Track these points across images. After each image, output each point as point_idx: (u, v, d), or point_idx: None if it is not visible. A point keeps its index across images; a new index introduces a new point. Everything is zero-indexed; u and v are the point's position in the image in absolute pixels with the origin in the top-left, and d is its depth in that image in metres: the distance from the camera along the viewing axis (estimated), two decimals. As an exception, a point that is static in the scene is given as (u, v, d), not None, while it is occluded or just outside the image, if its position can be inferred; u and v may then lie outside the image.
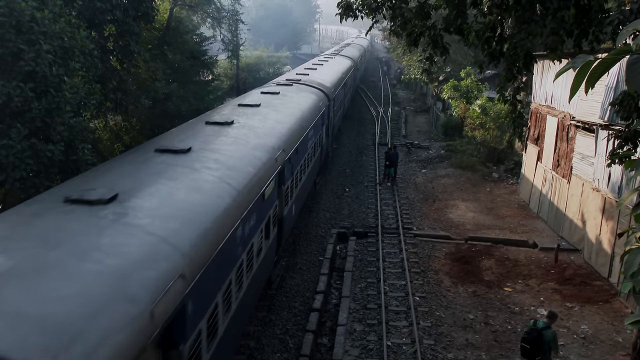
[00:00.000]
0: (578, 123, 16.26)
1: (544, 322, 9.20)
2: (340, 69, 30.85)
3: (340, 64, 32.97)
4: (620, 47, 2.66)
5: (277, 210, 11.37)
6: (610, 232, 14.01)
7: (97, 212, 6.00)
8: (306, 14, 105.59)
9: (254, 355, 10.68)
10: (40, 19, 11.08)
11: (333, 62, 32.91)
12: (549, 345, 9.04)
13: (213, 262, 6.61)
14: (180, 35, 25.87)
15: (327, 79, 23.80)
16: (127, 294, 4.87)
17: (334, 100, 22.89)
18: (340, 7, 9.44)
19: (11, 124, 10.57)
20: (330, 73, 26.62)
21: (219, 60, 34.03)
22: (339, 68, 31.04)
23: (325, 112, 19.76)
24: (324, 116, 19.15)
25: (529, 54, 8.59)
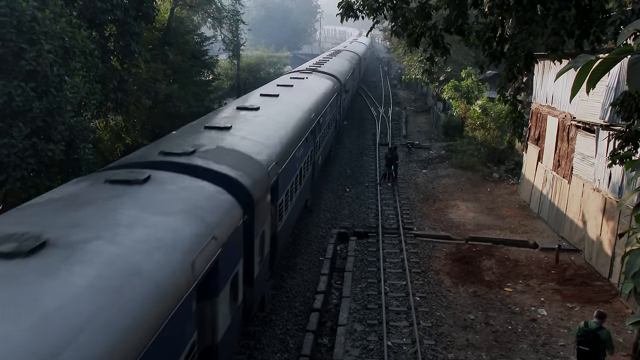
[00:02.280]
0: (579, 123, 16.26)
1: (596, 322, 9.15)
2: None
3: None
4: (621, 47, 2.66)
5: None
6: (610, 232, 14.00)
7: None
8: (307, 14, 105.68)
9: (254, 355, 10.68)
10: (41, 19, 11.10)
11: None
12: (605, 345, 9.01)
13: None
14: (181, 35, 25.88)
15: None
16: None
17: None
18: (341, 8, 9.44)
19: (12, 123, 10.58)
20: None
21: (220, 60, 34.04)
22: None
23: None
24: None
25: (530, 55, 8.58)
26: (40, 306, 4.16)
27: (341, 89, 25.13)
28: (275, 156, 10.78)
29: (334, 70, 26.74)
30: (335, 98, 21.94)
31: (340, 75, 26.25)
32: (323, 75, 23.68)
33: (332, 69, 27.10)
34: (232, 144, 10.02)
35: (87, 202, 6.43)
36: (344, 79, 27.01)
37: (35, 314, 4.07)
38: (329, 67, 27.16)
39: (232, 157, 9.21)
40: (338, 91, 23.40)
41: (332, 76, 24.44)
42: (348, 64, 34.36)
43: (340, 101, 25.28)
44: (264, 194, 9.31)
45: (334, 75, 24.93)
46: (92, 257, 5.05)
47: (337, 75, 25.54)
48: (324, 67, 26.51)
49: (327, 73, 24.79)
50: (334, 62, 31.14)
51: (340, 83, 24.70)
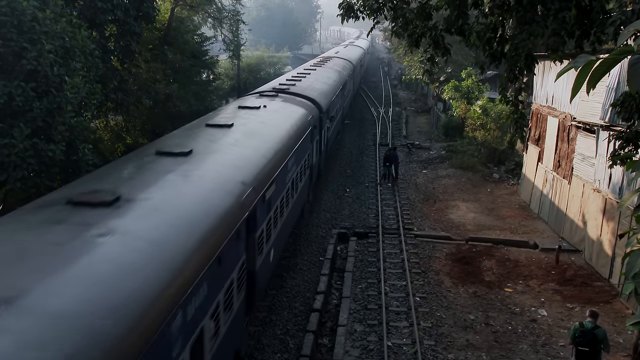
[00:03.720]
0: (579, 124, 16.25)
1: (591, 322, 9.18)
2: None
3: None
4: (622, 47, 2.66)
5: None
6: (611, 233, 14.00)
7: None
8: (307, 14, 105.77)
9: (254, 355, 10.68)
10: (41, 19, 11.11)
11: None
12: (602, 344, 9.05)
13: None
14: (181, 35, 25.87)
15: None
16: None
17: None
18: (342, 8, 9.45)
19: (13, 123, 10.59)
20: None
21: (220, 60, 34.03)
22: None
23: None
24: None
25: (530, 55, 8.58)
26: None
27: (321, 118, 17.83)
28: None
29: (312, 90, 19.22)
30: (309, 133, 15.04)
31: (322, 98, 18.89)
32: (293, 100, 16.32)
33: (310, 88, 19.62)
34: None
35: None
36: (326, 102, 19.37)
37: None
38: (306, 86, 19.67)
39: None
40: (315, 123, 16.33)
41: (307, 100, 17.18)
42: (335, 79, 25.38)
43: (320, 135, 18.10)
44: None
45: (310, 98, 17.55)
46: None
47: (317, 97, 18.17)
48: (299, 86, 19.15)
49: (302, 95, 17.47)
50: (316, 77, 23.07)
51: (319, 109, 17.47)
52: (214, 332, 6.75)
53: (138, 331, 4.53)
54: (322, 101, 18.39)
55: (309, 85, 20.14)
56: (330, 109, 20.59)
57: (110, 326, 4.28)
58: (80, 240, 5.23)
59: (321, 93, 19.79)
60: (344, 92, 27.89)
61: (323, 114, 18.09)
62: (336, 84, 24.56)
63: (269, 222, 9.95)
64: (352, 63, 36.61)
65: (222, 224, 7.05)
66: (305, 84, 20.37)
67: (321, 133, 18.32)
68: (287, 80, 20.59)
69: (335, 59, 33.91)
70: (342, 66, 31.56)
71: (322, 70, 26.70)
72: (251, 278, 8.94)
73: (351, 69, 34.35)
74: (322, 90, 20.54)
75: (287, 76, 23.79)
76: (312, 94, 18.34)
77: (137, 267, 5.15)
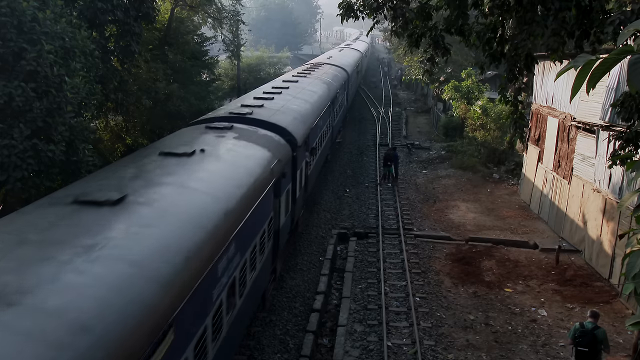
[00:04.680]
0: (579, 124, 16.26)
1: (591, 322, 9.18)
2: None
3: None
4: (622, 47, 2.66)
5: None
6: (611, 233, 14.00)
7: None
8: (307, 15, 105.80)
9: (254, 355, 10.68)
10: (41, 19, 11.11)
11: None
12: (602, 344, 9.05)
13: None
14: (181, 35, 25.87)
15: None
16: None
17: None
18: (342, 8, 9.44)
19: (13, 123, 10.58)
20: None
21: (220, 60, 34.03)
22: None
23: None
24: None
25: (530, 55, 8.58)
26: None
27: (295, 157, 13.06)
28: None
29: (284, 115, 14.25)
30: (271, 189, 10.34)
31: (298, 125, 14.07)
32: (253, 135, 11.54)
33: (283, 111, 14.65)
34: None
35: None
36: (304, 129, 14.54)
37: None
38: (278, 108, 14.68)
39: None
40: (282, 169, 11.45)
41: (275, 131, 12.54)
42: (322, 93, 20.24)
43: (293, 181, 13.29)
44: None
45: (280, 128, 12.89)
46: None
47: (290, 126, 13.42)
48: (268, 109, 14.18)
49: (268, 124, 12.70)
50: (295, 93, 17.75)
51: (293, 143, 12.81)
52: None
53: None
54: (297, 130, 13.64)
55: (283, 107, 15.04)
56: (310, 138, 15.85)
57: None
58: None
59: (298, 118, 14.82)
60: (333, 109, 23.08)
61: (299, 148, 13.22)
62: (322, 101, 19.53)
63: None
64: (346, 71, 31.13)
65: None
66: (278, 104, 15.19)
67: (295, 177, 13.36)
68: (255, 100, 15.34)
69: (326, 67, 28.74)
70: (333, 75, 26.33)
71: (305, 82, 21.32)
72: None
73: (344, 78, 29.24)
74: (299, 112, 15.48)
75: (257, 92, 17.79)
76: (283, 121, 13.41)
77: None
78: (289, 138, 12.74)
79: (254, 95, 16.91)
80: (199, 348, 6.24)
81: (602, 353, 9.20)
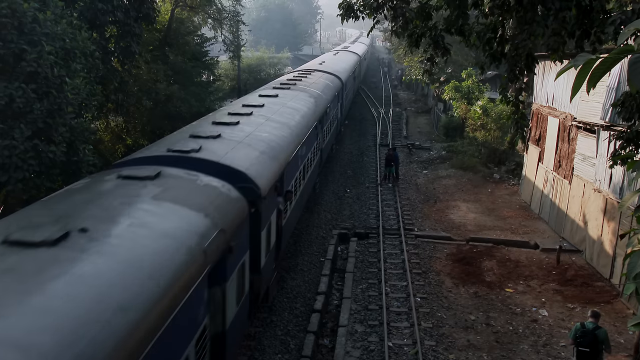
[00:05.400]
0: (579, 124, 16.25)
1: (592, 322, 9.17)
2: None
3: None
4: (622, 46, 2.66)
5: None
6: (611, 233, 13.99)
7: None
8: (307, 15, 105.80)
9: (255, 356, 10.67)
10: (42, 20, 11.12)
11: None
12: (603, 344, 9.04)
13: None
14: (181, 36, 25.90)
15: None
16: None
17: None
18: (342, 8, 9.45)
19: (13, 124, 10.59)
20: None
21: (220, 61, 34.05)
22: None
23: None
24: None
25: (531, 55, 8.57)
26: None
27: (224, 261, 7.44)
28: None
29: (237, 161, 9.68)
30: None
31: (263, 181, 9.70)
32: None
33: (233, 157, 9.80)
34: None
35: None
36: (266, 183, 9.80)
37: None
38: (225, 154, 9.71)
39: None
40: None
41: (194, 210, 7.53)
42: (305, 112, 16.00)
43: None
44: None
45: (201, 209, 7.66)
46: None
47: (220, 220, 7.54)
48: (208, 151, 9.62)
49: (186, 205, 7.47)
50: (258, 121, 12.82)
51: (220, 234, 7.15)
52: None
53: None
54: (262, 173, 9.85)
55: (248, 137, 11.05)
56: (286, 177, 11.84)
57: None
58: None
59: (267, 152, 10.81)
60: (322, 127, 19.09)
61: (262, 201, 9.30)
62: (306, 121, 15.48)
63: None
64: (340, 79, 27.02)
65: None
66: (243, 132, 11.26)
67: (258, 240, 9.54)
68: (214, 127, 11.43)
69: (316, 74, 24.65)
70: (324, 86, 22.08)
71: (287, 96, 17.12)
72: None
73: (337, 87, 25.13)
74: (271, 144, 11.38)
75: (218, 116, 13.38)
76: (242, 161, 9.58)
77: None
78: (247, 187, 8.95)
79: (213, 119, 12.42)
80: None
81: (603, 353, 9.19)
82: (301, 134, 14.35)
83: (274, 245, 11.24)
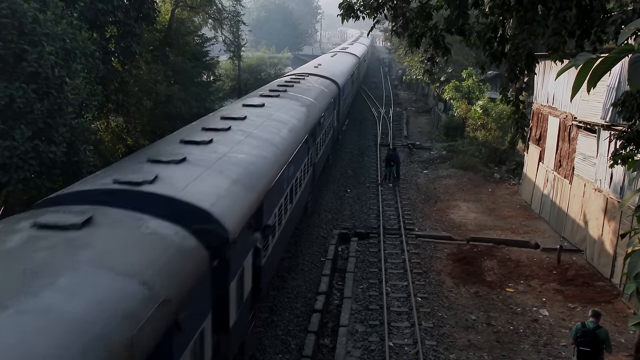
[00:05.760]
0: (580, 123, 16.24)
1: (593, 322, 9.17)
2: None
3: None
4: (622, 46, 2.66)
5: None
6: (612, 232, 13.98)
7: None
8: (307, 15, 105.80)
9: (255, 356, 10.68)
10: (42, 21, 11.12)
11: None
12: (604, 343, 9.04)
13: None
14: (181, 36, 25.88)
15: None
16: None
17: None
18: (342, 8, 9.45)
19: (14, 125, 10.59)
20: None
21: (221, 61, 34.05)
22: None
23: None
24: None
25: (531, 55, 8.57)
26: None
27: (169, 340, 5.46)
28: None
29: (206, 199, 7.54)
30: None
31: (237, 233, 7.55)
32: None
33: (203, 195, 7.63)
34: None
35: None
36: (189, 281, 6.05)
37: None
38: (195, 191, 7.58)
39: None
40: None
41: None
42: (295, 124, 14.06)
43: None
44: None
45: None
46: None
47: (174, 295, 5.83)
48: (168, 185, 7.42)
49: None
50: (235, 137, 10.73)
51: (163, 305, 5.23)
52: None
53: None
54: (233, 209, 7.93)
55: (220, 160, 9.07)
56: (265, 207, 9.54)
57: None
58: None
59: (241, 181, 8.79)
60: (314, 140, 16.61)
61: (231, 246, 7.24)
62: (295, 136, 13.25)
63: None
64: (337, 83, 24.54)
65: None
66: (215, 153, 9.31)
67: (226, 297, 7.46)
68: (180, 146, 9.47)
69: (311, 79, 22.27)
70: (318, 92, 19.57)
71: (275, 106, 14.81)
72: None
73: (334, 93, 22.70)
74: (249, 168, 9.46)
75: (188, 131, 11.02)
76: (206, 195, 7.60)
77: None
78: (209, 231, 6.84)
79: (181, 137, 10.05)
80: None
81: (604, 353, 9.19)
82: (288, 152, 12.05)
83: (250, 293, 8.95)
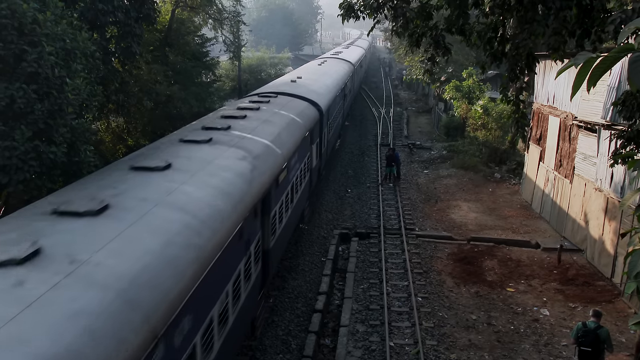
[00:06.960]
0: (580, 123, 16.23)
1: (594, 321, 9.16)
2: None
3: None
4: (622, 45, 2.66)
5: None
6: (612, 232, 13.97)
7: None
8: (308, 15, 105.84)
9: (256, 356, 10.68)
10: (42, 21, 11.11)
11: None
12: (605, 343, 9.03)
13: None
14: (181, 36, 25.88)
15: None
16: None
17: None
18: (342, 8, 9.45)
19: (14, 125, 10.58)
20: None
21: (221, 61, 34.06)
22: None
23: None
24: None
25: (531, 54, 8.57)
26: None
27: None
28: None
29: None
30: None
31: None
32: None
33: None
34: None
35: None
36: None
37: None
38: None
39: None
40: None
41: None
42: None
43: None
44: None
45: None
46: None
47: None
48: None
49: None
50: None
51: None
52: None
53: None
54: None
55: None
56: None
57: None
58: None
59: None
60: (267, 213, 10.45)
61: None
62: (208, 242, 6.99)
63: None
64: (320, 108, 17.82)
65: None
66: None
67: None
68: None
69: (276, 104, 15.31)
70: (282, 127, 12.92)
71: (175, 176, 8.07)
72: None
73: (312, 121, 16.36)
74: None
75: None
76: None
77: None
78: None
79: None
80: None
81: (604, 352, 9.18)
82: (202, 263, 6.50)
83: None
